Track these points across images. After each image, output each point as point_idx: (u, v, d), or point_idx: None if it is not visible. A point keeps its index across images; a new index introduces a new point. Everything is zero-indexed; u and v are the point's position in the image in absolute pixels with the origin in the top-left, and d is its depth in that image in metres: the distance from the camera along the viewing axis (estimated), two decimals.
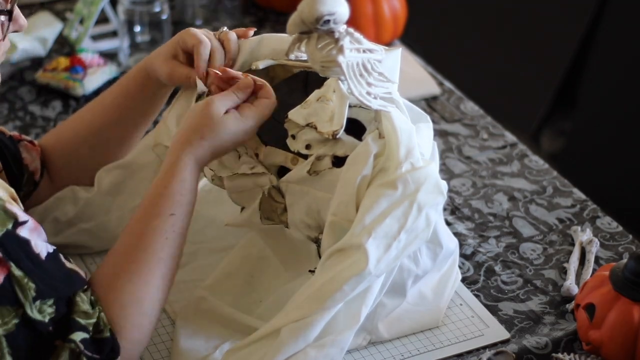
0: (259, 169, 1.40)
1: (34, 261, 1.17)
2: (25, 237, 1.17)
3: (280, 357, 1.27)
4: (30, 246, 1.17)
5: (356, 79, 1.30)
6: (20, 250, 1.15)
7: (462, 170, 1.78)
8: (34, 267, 1.16)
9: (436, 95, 2.01)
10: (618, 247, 1.60)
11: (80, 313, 1.20)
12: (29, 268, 1.16)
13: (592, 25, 2.92)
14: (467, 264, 1.56)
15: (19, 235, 1.16)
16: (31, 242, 1.17)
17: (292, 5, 1.43)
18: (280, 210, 1.40)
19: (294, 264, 1.46)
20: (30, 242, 1.17)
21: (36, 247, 1.18)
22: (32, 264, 1.16)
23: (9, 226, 1.15)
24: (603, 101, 2.93)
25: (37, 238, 1.19)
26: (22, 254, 1.16)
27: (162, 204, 1.29)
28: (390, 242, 1.29)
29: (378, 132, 1.32)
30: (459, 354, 1.40)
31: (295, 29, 1.28)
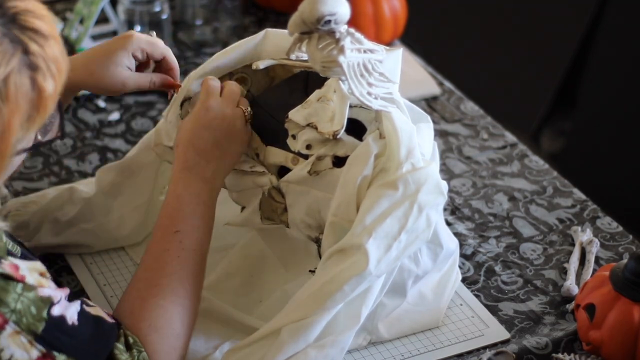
0: (259, 169, 1.40)
1: (72, 336, 1.15)
2: (60, 315, 1.14)
3: (281, 357, 1.27)
4: (66, 322, 1.15)
5: (357, 79, 1.30)
6: (59, 334, 1.14)
7: (462, 170, 1.78)
8: (74, 344, 1.15)
9: (436, 95, 2.01)
10: (618, 248, 1.60)
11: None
12: (70, 347, 1.14)
13: (592, 25, 2.91)
14: (467, 264, 1.56)
15: (55, 318, 1.14)
16: (66, 317, 1.15)
17: (292, 5, 1.43)
18: (280, 210, 1.40)
19: (294, 264, 1.46)
20: (66, 317, 1.15)
21: (71, 319, 1.16)
22: (72, 340, 1.15)
23: (45, 314, 1.12)
24: (603, 101, 2.93)
25: (67, 307, 1.16)
26: (61, 336, 1.14)
27: (166, 224, 1.30)
28: (391, 242, 1.29)
29: (379, 133, 1.32)
30: (459, 354, 1.40)
31: (296, 29, 1.28)
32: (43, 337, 1.12)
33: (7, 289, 1.10)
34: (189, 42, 2.16)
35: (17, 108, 1.05)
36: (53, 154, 1.79)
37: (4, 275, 1.10)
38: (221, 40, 2.14)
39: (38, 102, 1.07)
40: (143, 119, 1.91)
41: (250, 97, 1.46)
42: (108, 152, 1.81)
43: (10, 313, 1.10)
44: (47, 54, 1.07)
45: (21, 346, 1.11)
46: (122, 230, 1.54)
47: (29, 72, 1.05)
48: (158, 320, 1.24)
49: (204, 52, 2.11)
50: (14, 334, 1.10)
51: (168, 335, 1.24)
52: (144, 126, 1.88)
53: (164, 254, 1.28)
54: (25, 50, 1.05)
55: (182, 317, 1.26)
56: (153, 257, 1.29)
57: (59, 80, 1.09)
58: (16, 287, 1.11)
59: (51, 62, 1.07)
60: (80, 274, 1.52)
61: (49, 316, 1.13)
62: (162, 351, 1.23)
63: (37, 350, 1.12)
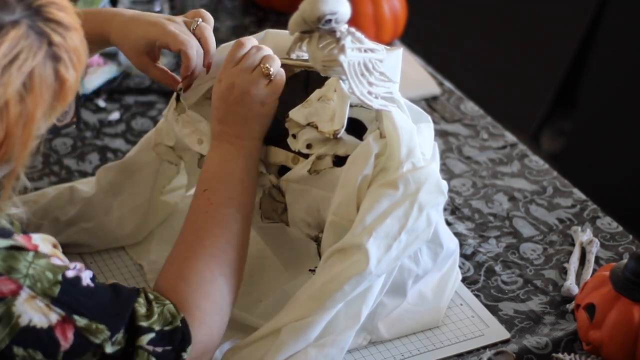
0: (259, 169, 1.39)
1: (90, 297, 1.15)
2: (75, 276, 1.15)
3: (281, 357, 1.27)
4: (81, 282, 1.15)
5: (357, 78, 1.30)
6: (77, 295, 1.14)
7: (462, 170, 1.78)
8: (93, 305, 1.15)
9: (436, 95, 2.01)
10: (618, 248, 1.60)
11: (141, 317, 1.18)
12: (91, 308, 1.14)
13: (592, 25, 2.92)
14: (467, 264, 1.56)
15: (70, 279, 1.14)
16: (81, 278, 1.15)
17: (292, 5, 1.43)
18: (280, 209, 1.40)
19: (294, 264, 1.46)
20: (81, 278, 1.15)
21: (85, 279, 1.16)
22: (90, 301, 1.15)
23: (60, 278, 1.13)
24: (603, 101, 2.93)
25: (80, 270, 1.16)
26: (80, 298, 1.14)
27: (197, 188, 1.33)
28: (391, 242, 1.29)
29: (379, 132, 1.32)
30: (459, 354, 1.40)
31: (296, 28, 1.28)
32: (60, 300, 1.12)
33: (18, 257, 1.10)
34: None
35: (41, 99, 1.07)
36: (53, 154, 1.79)
37: (15, 247, 1.11)
38: (221, 40, 2.13)
39: (60, 92, 1.09)
40: (143, 119, 1.91)
41: None
42: (108, 152, 1.81)
43: (23, 278, 1.10)
44: (69, 45, 1.09)
45: (39, 310, 1.11)
46: (122, 230, 1.54)
47: (52, 63, 1.08)
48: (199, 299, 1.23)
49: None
50: (30, 298, 1.10)
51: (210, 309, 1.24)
52: (144, 126, 1.88)
53: (193, 214, 1.30)
54: (49, 42, 1.07)
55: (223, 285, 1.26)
56: (187, 220, 1.31)
57: (79, 69, 1.11)
58: (27, 255, 1.11)
59: (72, 52, 1.10)
60: None
61: (63, 279, 1.13)
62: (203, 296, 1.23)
63: (55, 313, 1.12)
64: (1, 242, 1.10)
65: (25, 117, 1.07)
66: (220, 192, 1.31)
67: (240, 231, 1.31)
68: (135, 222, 1.54)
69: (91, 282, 1.16)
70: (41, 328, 1.11)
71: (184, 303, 1.23)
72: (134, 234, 1.56)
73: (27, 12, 1.07)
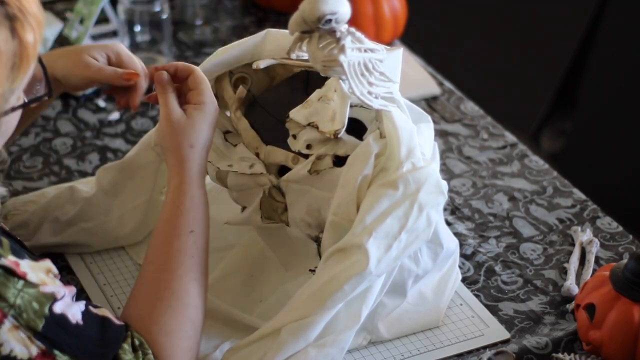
0: (258, 168, 1.39)
1: (76, 336, 1.14)
2: (61, 312, 1.14)
3: (281, 357, 1.27)
4: (68, 320, 1.14)
5: (357, 78, 1.30)
6: (61, 332, 1.13)
7: (462, 170, 1.78)
8: (77, 343, 1.14)
9: (436, 95, 2.01)
10: (618, 247, 1.60)
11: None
12: (73, 347, 1.14)
13: (592, 25, 2.92)
14: (467, 264, 1.56)
15: (56, 315, 1.13)
16: (68, 315, 1.14)
17: (292, 5, 1.43)
18: (280, 209, 1.40)
19: (294, 264, 1.46)
20: (67, 315, 1.14)
21: (74, 317, 1.15)
22: (75, 340, 1.14)
23: (46, 311, 1.12)
24: (603, 101, 2.93)
25: (70, 305, 1.15)
26: (63, 335, 1.13)
27: (180, 224, 1.28)
28: (391, 242, 1.29)
29: (379, 132, 1.32)
30: (459, 354, 1.40)
31: (296, 28, 1.28)
32: (43, 335, 1.12)
33: (7, 284, 1.10)
34: (189, 42, 2.16)
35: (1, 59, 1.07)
36: (53, 154, 1.79)
37: (4, 268, 1.10)
38: (221, 40, 2.14)
39: (20, 51, 1.09)
40: (143, 119, 1.91)
41: (251, 97, 1.46)
42: (108, 152, 1.81)
43: (8, 308, 1.09)
44: (24, 6, 1.10)
45: (21, 341, 1.11)
46: (122, 230, 1.54)
47: (7, 22, 1.08)
48: (169, 323, 1.23)
49: (204, 52, 2.11)
50: (13, 328, 1.10)
51: (179, 337, 1.23)
52: (144, 126, 1.88)
53: (176, 254, 1.27)
54: (1, 1, 1.08)
55: (193, 318, 1.25)
56: (164, 258, 1.27)
57: (37, 32, 1.11)
58: (17, 283, 1.10)
59: (29, 14, 1.10)
60: (80, 274, 1.52)
61: (50, 313, 1.12)
62: (174, 354, 1.22)
63: (36, 347, 1.11)
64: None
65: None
66: (204, 238, 1.30)
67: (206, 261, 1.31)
68: (135, 222, 1.54)
69: (80, 319, 1.15)
70: (21, 359, 1.11)
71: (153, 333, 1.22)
72: (134, 234, 1.56)
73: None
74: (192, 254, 1.28)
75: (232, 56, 1.44)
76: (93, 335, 1.16)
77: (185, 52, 2.12)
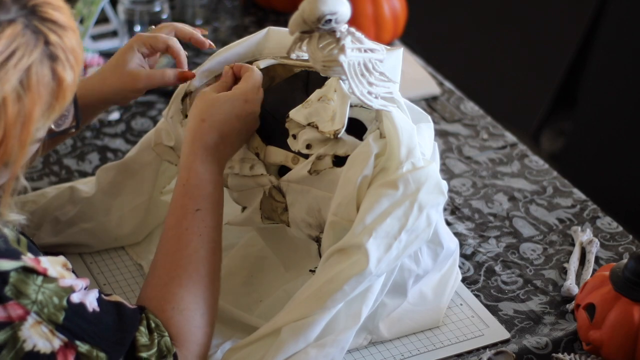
0: (259, 169, 1.39)
1: (94, 323, 1.16)
2: (79, 302, 1.15)
3: (281, 357, 1.27)
4: (86, 308, 1.16)
5: (357, 78, 1.30)
6: (80, 321, 1.15)
7: (462, 170, 1.78)
8: (96, 330, 1.16)
9: (436, 95, 2.01)
10: (618, 247, 1.60)
11: (141, 347, 1.20)
12: (93, 335, 1.15)
13: (592, 25, 2.92)
14: (467, 264, 1.56)
15: (74, 305, 1.15)
16: (86, 304, 1.16)
17: (292, 5, 1.43)
18: (280, 209, 1.40)
19: (294, 264, 1.46)
20: (85, 304, 1.16)
21: (91, 305, 1.16)
22: (94, 327, 1.16)
23: (65, 303, 1.13)
24: (603, 101, 2.93)
25: (86, 294, 1.17)
26: (82, 324, 1.15)
27: (186, 203, 1.30)
28: (391, 242, 1.29)
29: (379, 132, 1.32)
30: (459, 353, 1.40)
31: (296, 28, 1.28)
32: (64, 326, 1.13)
33: (27, 282, 1.11)
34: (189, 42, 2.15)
35: (39, 98, 1.07)
36: (53, 154, 1.79)
37: (25, 268, 1.11)
38: (221, 40, 2.14)
39: (58, 91, 1.09)
40: (143, 119, 1.91)
41: None
42: (108, 152, 1.81)
43: (31, 304, 1.11)
44: (66, 44, 1.09)
45: (43, 336, 1.12)
46: (122, 230, 1.54)
47: (49, 62, 1.08)
48: (181, 302, 1.24)
49: (204, 52, 2.11)
50: (35, 324, 1.11)
51: (192, 316, 1.24)
52: (144, 126, 1.88)
53: (185, 233, 1.28)
54: (45, 41, 1.08)
55: (206, 296, 1.26)
56: (174, 238, 1.29)
57: (77, 70, 1.11)
58: (36, 279, 1.12)
59: (69, 52, 1.10)
60: (80, 274, 1.51)
61: (68, 304, 1.14)
62: (188, 332, 1.24)
63: (58, 339, 1.13)
64: (12, 263, 1.10)
65: (24, 117, 1.07)
66: (213, 216, 1.30)
67: (221, 253, 1.32)
68: (135, 222, 1.55)
69: (97, 306, 1.17)
70: (44, 353, 1.13)
71: (178, 336, 1.24)
72: (134, 234, 1.56)
73: (22, 11, 1.07)
74: (200, 232, 1.28)
75: (234, 54, 1.44)
76: (110, 321, 1.18)
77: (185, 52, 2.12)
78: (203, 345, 1.26)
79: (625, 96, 2.85)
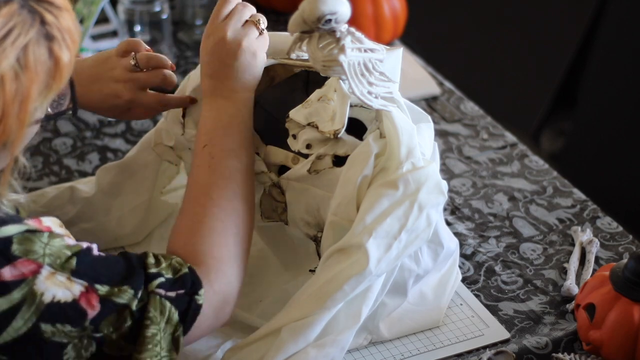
0: (259, 167, 1.40)
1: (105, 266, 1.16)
2: (87, 247, 1.16)
3: (281, 357, 1.27)
4: (94, 253, 1.16)
5: (357, 78, 1.30)
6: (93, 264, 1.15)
7: (462, 170, 1.78)
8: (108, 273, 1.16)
9: (436, 95, 2.01)
10: (618, 247, 1.60)
11: (150, 265, 1.19)
12: (108, 276, 1.15)
13: (592, 25, 2.92)
14: (467, 264, 1.56)
15: (83, 250, 1.15)
16: (93, 248, 1.17)
17: (292, 5, 1.43)
18: (280, 208, 1.40)
19: (294, 264, 1.46)
20: (92, 248, 1.17)
21: (95, 251, 1.17)
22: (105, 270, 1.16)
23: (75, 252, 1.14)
24: (603, 101, 2.93)
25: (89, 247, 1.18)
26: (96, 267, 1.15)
27: (196, 146, 1.32)
28: (391, 242, 1.29)
29: (379, 132, 1.32)
30: (459, 353, 1.40)
31: (296, 28, 1.28)
32: (79, 272, 1.13)
33: (33, 240, 1.11)
34: (189, 42, 2.16)
35: (36, 77, 1.08)
36: (53, 154, 1.79)
37: (29, 230, 1.11)
38: None
39: (55, 71, 1.10)
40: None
41: None
42: (108, 152, 1.81)
43: (42, 257, 1.11)
44: (62, 24, 1.10)
45: (61, 285, 1.11)
46: (122, 230, 1.54)
47: (46, 42, 1.09)
48: (212, 249, 1.24)
49: None
50: (50, 275, 1.11)
51: (225, 258, 1.24)
52: (144, 126, 1.88)
53: (196, 171, 1.30)
54: (42, 20, 1.08)
55: (235, 234, 1.26)
56: (190, 182, 1.30)
57: (73, 50, 1.12)
58: (42, 236, 1.12)
59: (65, 32, 1.11)
60: None
61: (78, 252, 1.14)
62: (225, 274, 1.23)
63: (78, 284, 1.12)
64: (16, 227, 1.11)
65: (22, 95, 1.07)
66: (221, 145, 1.31)
67: (245, 180, 1.31)
68: (135, 222, 1.55)
69: (102, 254, 1.18)
70: (65, 302, 1.12)
71: (198, 255, 1.23)
72: (134, 234, 1.56)
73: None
74: (208, 164, 1.29)
75: None
76: (120, 262, 1.18)
77: (185, 52, 2.12)
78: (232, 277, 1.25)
79: (625, 96, 2.85)
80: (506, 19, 3.15)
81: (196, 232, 1.25)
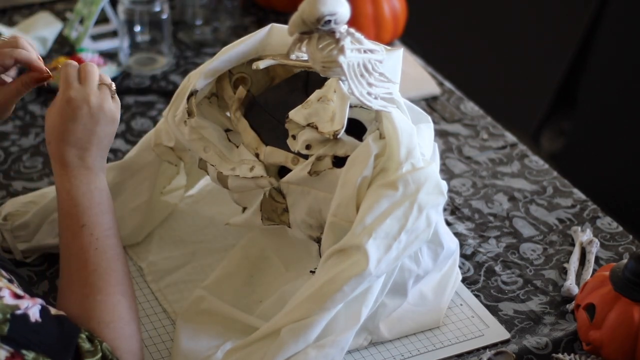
0: (259, 171, 1.39)
1: (38, 332, 1.16)
2: (22, 313, 1.16)
3: (281, 357, 1.27)
4: (29, 319, 1.16)
5: (357, 79, 1.30)
6: (24, 331, 1.15)
7: (462, 170, 1.78)
8: (40, 339, 1.16)
9: (436, 95, 2.01)
10: (618, 248, 1.60)
11: (86, 353, 1.20)
12: (38, 343, 1.15)
13: (592, 25, 2.92)
14: (467, 264, 1.56)
15: (18, 316, 1.15)
16: (29, 315, 1.16)
17: (292, 5, 1.43)
18: (280, 210, 1.40)
19: (294, 264, 1.46)
20: (28, 315, 1.16)
21: (33, 315, 1.17)
22: (38, 336, 1.16)
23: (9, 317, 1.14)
24: (603, 101, 2.93)
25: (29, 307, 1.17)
26: (27, 334, 1.15)
27: (69, 224, 1.31)
28: (391, 242, 1.29)
29: (379, 133, 1.32)
30: (459, 354, 1.40)
31: (296, 29, 1.28)
32: (9, 337, 1.14)
33: None
34: (189, 42, 2.16)
35: None
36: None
37: None
38: (221, 40, 2.14)
39: None
40: (143, 119, 1.91)
41: (251, 97, 1.46)
42: (108, 152, 1.80)
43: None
44: None
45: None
46: (122, 230, 1.53)
47: None
48: (104, 316, 1.26)
49: (204, 52, 2.11)
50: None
51: (119, 325, 1.26)
52: (144, 126, 1.88)
53: (80, 252, 1.29)
54: None
55: (125, 303, 1.28)
56: (73, 258, 1.29)
57: None
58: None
59: None
60: None
61: (12, 316, 1.14)
62: (121, 339, 1.25)
63: (4, 350, 1.13)
64: None
65: None
66: (100, 225, 1.31)
67: (122, 253, 1.33)
68: (135, 223, 1.54)
69: (39, 317, 1.17)
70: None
71: (113, 349, 1.24)
72: (134, 234, 1.56)
73: None
74: (95, 246, 1.29)
75: (238, 52, 1.43)
76: (53, 330, 1.18)
77: (185, 52, 2.12)
78: (138, 350, 1.28)
79: (625, 96, 2.85)
80: (506, 19, 3.15)
81: (99, 319, 1.25)
